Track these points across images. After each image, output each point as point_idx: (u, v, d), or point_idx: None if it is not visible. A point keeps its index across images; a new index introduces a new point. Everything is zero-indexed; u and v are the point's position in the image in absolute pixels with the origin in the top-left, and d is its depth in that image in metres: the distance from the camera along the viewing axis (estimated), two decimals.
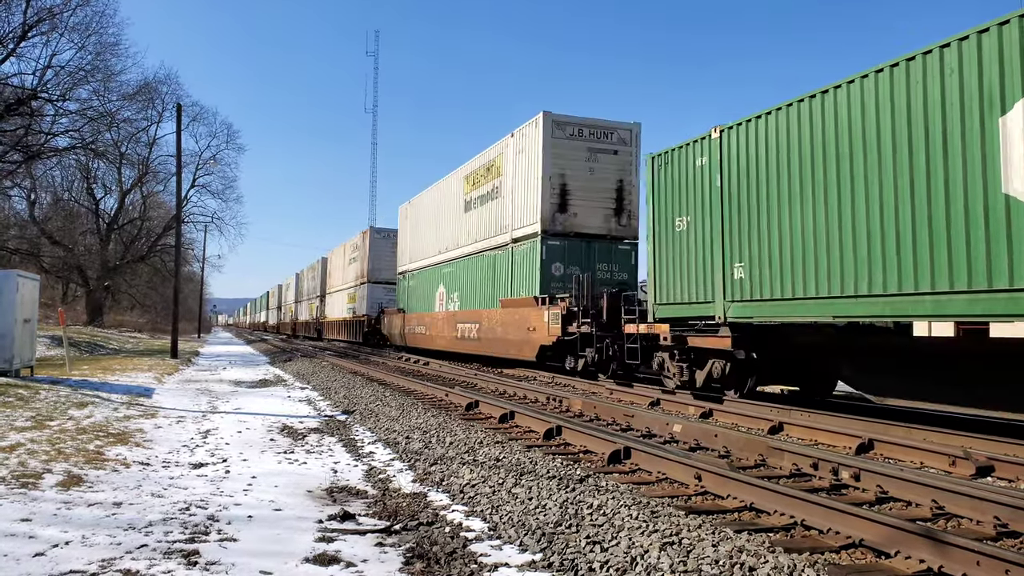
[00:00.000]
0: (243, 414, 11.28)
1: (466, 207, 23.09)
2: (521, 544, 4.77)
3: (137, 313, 61.14)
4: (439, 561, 4.45)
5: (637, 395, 12.53)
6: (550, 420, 8.78)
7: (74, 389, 12.89)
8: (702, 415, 10.41)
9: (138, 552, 4.45)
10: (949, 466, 6.86)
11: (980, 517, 5.03)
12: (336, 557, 4.46)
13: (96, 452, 7.54)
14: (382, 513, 5.56)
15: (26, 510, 5.28)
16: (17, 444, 7.64)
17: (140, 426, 9.54)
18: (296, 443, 8.75)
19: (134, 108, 40.74)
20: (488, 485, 6.17)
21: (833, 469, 6.38)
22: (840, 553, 4.39)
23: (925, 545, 4.13)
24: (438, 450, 7.87)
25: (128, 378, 16.15)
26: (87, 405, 10.98)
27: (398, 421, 10.00)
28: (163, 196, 54.96)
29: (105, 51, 34.09)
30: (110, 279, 49.08)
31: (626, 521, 4.87)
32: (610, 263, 17.90)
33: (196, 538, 4.77)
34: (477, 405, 11.02)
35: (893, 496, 5.71)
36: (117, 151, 44.15)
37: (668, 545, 4.38)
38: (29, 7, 30.55)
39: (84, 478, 6.38)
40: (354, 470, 7.26)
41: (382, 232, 36.16)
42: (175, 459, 7.55)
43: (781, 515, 5.05)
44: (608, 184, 18.00)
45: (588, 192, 17.77)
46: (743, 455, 7.34)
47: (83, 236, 48.79)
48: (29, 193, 45.72)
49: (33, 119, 32.23)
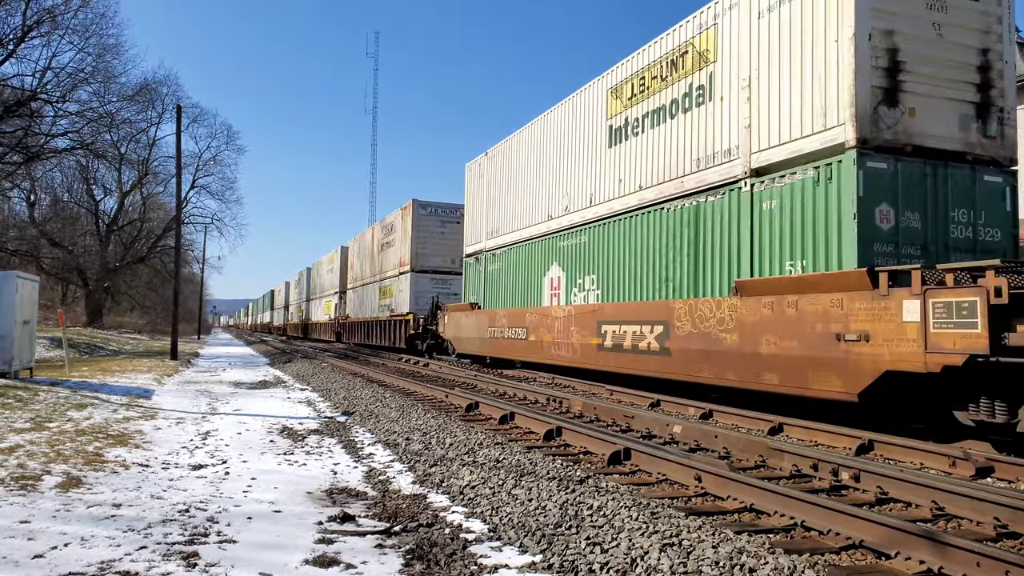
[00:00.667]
0: (243, 415, 11.28)
1: (615, 137, 14.39)
2: (521, 545, 4.77)
3: (137, 314, 61.14)
4: (439, 563, 4.44)
5: (636, 396, 12.52)
6: (550, 421, 8.78)
7: (73, 390, 12.88)
8: (702, 416, 10.40)
9: (137, 554, 4.44)
10: (949, 467, 6.86)
11: (980, 518, 5.03)
12: (336, 559, 4.46)
13: (95, 453, 7.53)
14: (382, 514, 5.56)
15: (25, 512, 5.28)
16: (16, 446, 7.63)
17: (139, 427, 9.53)
18: (296, 444, 8.74)
19: (134, 109, 40.80)
20: (488, 486, 6.17)
21: (833, 470, 6.38)
22: (840, 554, 4.39)
23: (925, 546, 4.13)
24: (438, 451, 7.86)
25: (127, 379, 16.14)
26: (86, 407, 10.98)
27: (398, 422, 10.00)
28: (163, 197, 55.06)
29: (105, 52, 34.14)
30: (110, 280, 49.07)
31: (626, 522, 4.87)
32: (972, 209, 9.44)
33: (195, 539, 4.76)
34: (477, 406, 11.02)
35: (893, 497, 5.71)
36: (117, 152, 44.21)
37: (668, 546, 4.37)
38: (29, 8, 30.58)
39: (83, 480, 6.38)
40: (354, 471, 7.26)
41: (429, 207, 28.55)
42: (175, 460, 7.54)
43: (781, 516, 5.05)
44: (967, 55, 9.58)
45: (935, 68, 9.40)
46: (743, 456, 7.33)
47: (83, 237, 48.81)
48: (29, 194, 45.82)
49: (33, 120, 32.24)
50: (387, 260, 32.33)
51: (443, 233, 28.06)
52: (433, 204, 28.74)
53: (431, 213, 28.48)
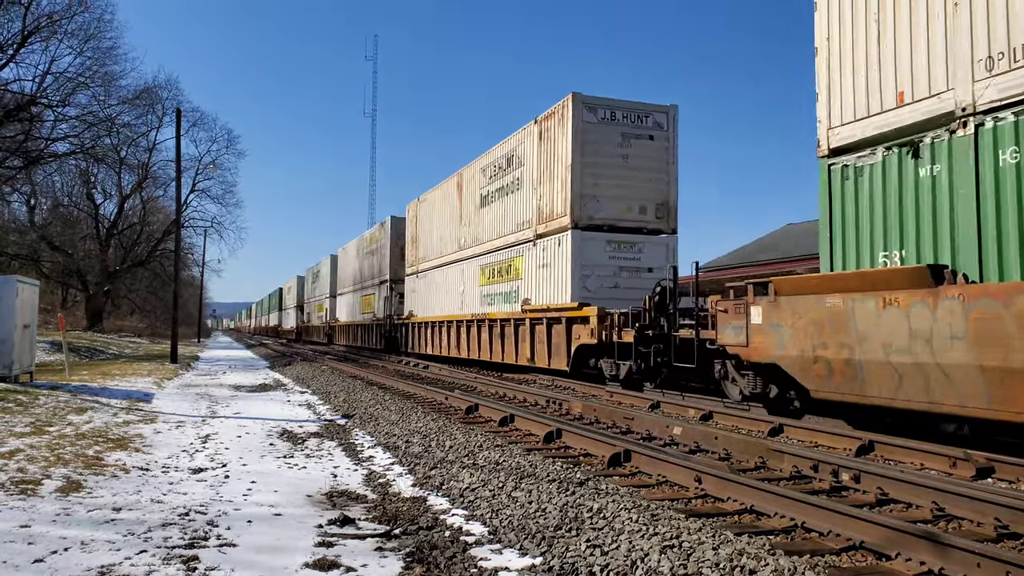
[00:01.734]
0: (243, 419, 11.27)
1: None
2: (521, 548, 4.76)
3: (137, 318, 61.13)
4: (439, 565, 4.44)
5: (636, 398, 12.51)
6: (550, 423, 8.77)
7: (73, 394, 12.88)
8: (702, 417, 10.40)
9: (138, 558, 4.44)
10: (949, 467, 6.85)
11: (980, 519, 5.02)
12: (336, 562, 4.46)
13: (95, 457, 7.53)
14: (382, 517, 5.55)
15: (25, 516, 5.27)
16: (16, 450, 7.62)
17: (139, 431, 9.53)
18: (296, 447, 8.74)
19: (134, 113, 40.81)
20: (488, 489, 6.16)
21: (833, 471, 6.37)
22: (841, 555, 4.38)
23: (926, 547, 4.12)
24: (438, 454, 7.86)
25: (127, 383, 16.14)
26: (86, 410, 10.97)
27: (398, 425, 10.00)
28: (163, 201, 55.05)
29: (104, 56, 34.20)
30: (110, 284, 49.06)
31: (626, 524, 4.86)
32: None
33: (196, 543, 4.76)
34: (477, 408, 11.01)
35: (893, 498, 5.70)
36: (117, 156, 44.14)
37: (668, 548, 4.37)
38: (28, 13, 30.62)
39: (83, 484, 6.38)
40: (354, 474, 7.26)
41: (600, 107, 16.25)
42: (175, 464, 7.54)
43: (781, 517, 5.04)
44: None
45: None
46: (743, 457, 7.33)
47: (83, 241, 48.81)
48: (29, 198, 45.82)
49: (33, 125, 32.29)
50: (511, 213, 19.69)
51: (626, 159, 16.15)
52: (607, 103, 16.26)
53: (606, 120, 16.18)
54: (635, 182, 16.25)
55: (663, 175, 16.46)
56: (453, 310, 23.44)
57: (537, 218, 17.67)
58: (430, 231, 26.83)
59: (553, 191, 16.86)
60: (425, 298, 26.75)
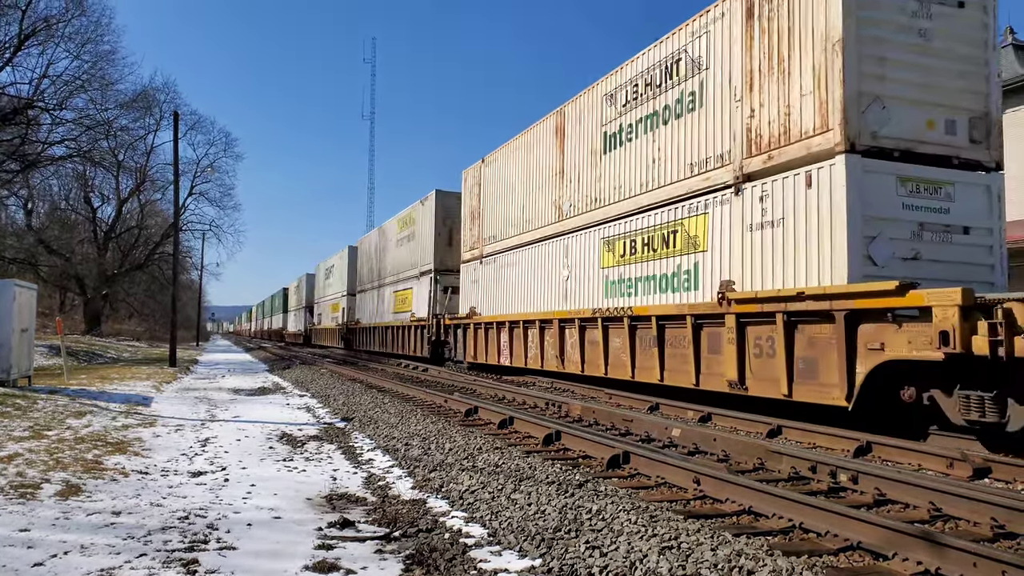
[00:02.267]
0: (242, 422, 11.27)
1: None
2: (520, 550, 4.78)
3: (135, 322, 61.03)
4: (439, 567, 4.45)
5: (635, 399, 12.53)
6: (549, 425, 8.79)
7: (72, 398, 12.87)
8: (701, 419, 10.42)
9: (137, 561, 4.45)
10: (947, 468, 6.88)
11: (977, 519, 5.05)
12: (336, 564, 4.47)
13: (94, 461, 7.53)
14: (381, 520, 5.56)
15: (25, 520, 5.28)
16: (15, 454, 7.63)
17: (139, 435, 9.53)
18: (295, 451, 8.74)
19: (131, 116, 40.77)
20: (487, 491, 6.18)
21: (831, 472, 6.40)
22: (838, 556, 4.40)
23: (923, 547, 4.15)
24: (437, 456, 7.87)
25: (126, 387, 16.13)
26: (85, 414, 10.97)
27: (397, 428, 10.01)
28: (161, 204, 54.98)
29: (101, 60, 34.18)
30: (108, 288, 49.01)
31: (625, 526, 4.88)
32: None
33: (195, 546, 4.77)
34: (476, 411, 11.03)
35: (891, 498, 5.73)
36: (114, 159, 44.15)
37: (667, 549, 4.39)
38: (25, 17, 30.63)
39: (83, 487, 6.38)
40: (353, 477, 7.26)
41: None
42: (174, 467, 7.54)
43: (780, 518, 5.06)
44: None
45: None
46: (742, 459, 7.35)
47: (80, 245, 48.75)
48: (26, 202, 45.75)
49: (30, 128, 32.25)
50: None
51: (925, 37, 9.70)
52: None
53: None
54: (940, 77, 9.74)
55: (981, 68, 9.95)
56: (549, 305, 17.08)
57: (745, 148, 10.82)
58: (504, 200, 20.37)
59: (788, 95, 10.07)
60: (495, 291, 20.54)
